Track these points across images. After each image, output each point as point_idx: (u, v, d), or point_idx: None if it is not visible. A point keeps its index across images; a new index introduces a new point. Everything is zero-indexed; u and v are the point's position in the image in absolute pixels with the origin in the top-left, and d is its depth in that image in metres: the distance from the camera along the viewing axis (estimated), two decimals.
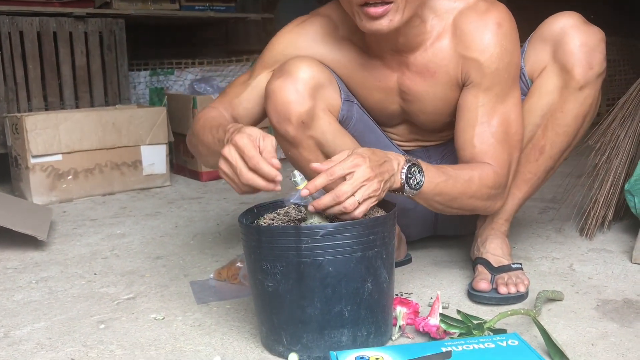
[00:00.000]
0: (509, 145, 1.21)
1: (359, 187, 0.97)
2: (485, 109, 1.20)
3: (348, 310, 0.98)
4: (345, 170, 0.97)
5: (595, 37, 1.23)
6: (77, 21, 2.89)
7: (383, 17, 1.11)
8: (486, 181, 1.17)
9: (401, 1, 1.11)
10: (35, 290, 1.43)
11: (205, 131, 1.20)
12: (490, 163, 1.18)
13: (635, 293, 1.25)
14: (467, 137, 1.21)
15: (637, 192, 1.52)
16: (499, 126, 1.20)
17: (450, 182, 1.12)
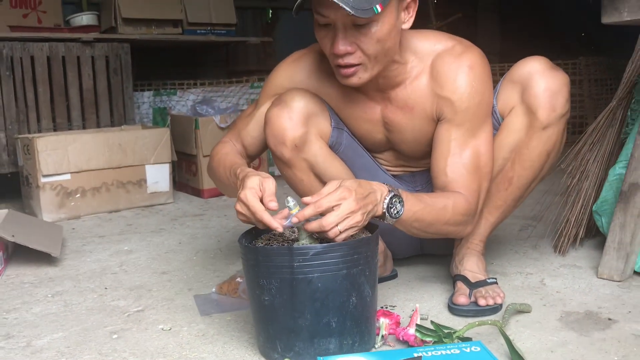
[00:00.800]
0: (478, 176, 1.34)
1: (343, 219, 1.09)
2: (457, 142, 1.34)
3: (335, 321, 1.11)
4: (332, 203, 1.10)
5: (559, 82, 1.37)
6: (85, 46, 3.04)
7: (353, 75, 1.28)
8: (459, 209, 1.30)
9: (368, 62, 1.27)
10: (51, 304, 1.56)
11: (220, 168, 1.39)
12: (462, 192, 1.32)
13: (597, 305, 1.39)
14: (440, 167, 1.35)
15: (603, 212, 1.66)
16: (470, 158, 1.33)
17: (426, 210, 1.25)
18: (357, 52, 1.25)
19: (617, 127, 1.74)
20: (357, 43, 1.24)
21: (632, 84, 1.71)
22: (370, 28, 1.22)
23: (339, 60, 1.26)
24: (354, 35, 1.23)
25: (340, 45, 1.23)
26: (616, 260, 1.53)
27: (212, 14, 3.67)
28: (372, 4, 1.18)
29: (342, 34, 1.22)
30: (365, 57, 1.26)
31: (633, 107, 1.69)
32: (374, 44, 1.24)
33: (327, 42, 1.27)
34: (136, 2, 3.36)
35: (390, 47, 1.28)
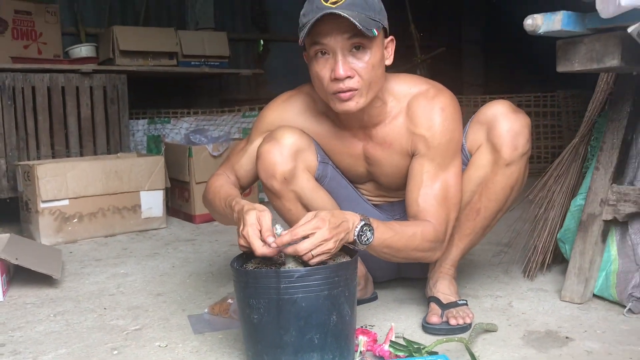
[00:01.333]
0: (447, 207, 1.48)
1: (316, 246, 1.23)
2: (429, 175, 1.48)
3: (317, 338, 1.24)
4: (307, 231, 1.23)
5: (521, 124, 1.52)
6: (84, 77, 3.18)
7: (351, 100, 1.41)
8: (427, 236, 1.43)
9: (364, 87, 1.41)
10: (54, 323, 1.67)
11: (216, 200, 1.52)
12: (431, 220, 1.45)
13: (557, 325, 1.52)
14: (413, 197, 1.49)
15: (567, 240, 1.80)
16: (440, 190, 1.48)
17: (396, 237, 1.38)
18: (355, 76, 1.39)
19: (580, 161, 1.89)
20: (354, 69, 1.38)
21: (592, 122, 1.87)
22: (365, 55, 1.38)
23: (340, 84, 1.39)
24: (352, 62, 1.38)
25: (341, 69, 1.36)
26: (577, 285, 1.67)
27: (205, 46, 3.84)
28: (371, 27, 1.34)
29: (342, 59, 1.37)
30: (362, 82, 1.40)
31: (593, 144, 1.85)
32: (370, 69, 1.39)
33: (326, 72, 1.40)
34: (134, 35, 3.53)
35: (380, 77, 1.44)
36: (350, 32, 1.34)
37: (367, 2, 1.37)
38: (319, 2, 1.35)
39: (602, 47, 1.38)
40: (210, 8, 4.43)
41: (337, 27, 1.34)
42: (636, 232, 1.64)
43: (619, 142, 1.64)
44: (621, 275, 1.64)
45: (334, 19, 1.32)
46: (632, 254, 1.64)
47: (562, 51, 1.46)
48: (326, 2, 1.34)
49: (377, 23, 1.37)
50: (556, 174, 1.91)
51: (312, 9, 1.35)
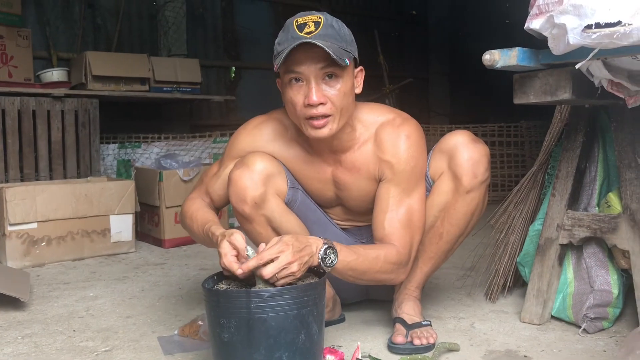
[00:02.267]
0: (411, 230, 1.55)
1: (280, 269, 1.28)
2: (394, 200, 1.55)
3: (286, 356, 1.27)
4: (272, 255, 1.28)
5: (480, 153, 1.60)
6: (55, 101, 3.20)
7: (324, 127, 1.47)
8: (390, 258, 1.49)
9: (337, 114, 1.48)
10: (22, 345, 1.67)
11: (194, 225, 1.58)
12: (395, 244, 1.51)
13: (517, 345, 1.58)
14: (379, 220, 1.55)
15: (526, 263, 1.88)
16: (404, 214, 1.54)
17: (359, 260, 1.44)
18: (327, 103, 1.46)
19: (538, 188, 1.98)
20: (327, 96, 1.45)
21: (550, 152, 1.96)
22: (337, 83, 1.45)
23: (313, 110, 1.45)
24: (325, 89, 1.45)
25: (314, 95, 1.43)
26: (535, 306, 1.74)
27: (178, 72, 3.89)
28: (344, 57, 1.42)
29: (316, 87, 1.44)
30: (334, 108, 1.47)
31: (550, 172, 1.94)
32: (342, 97, 1.46)
33: (299, 98, 1.46)
34: (106, 60, 3.56)
35: (350, 104, 1.51)
36: (324, 61, 1.41)
37: (339, 34, 1.44)
38: (294, 31, 1.42)
39: (555, 81, 1.47)
40: (182, 35, 4.49)
41: (312, 57, 1.41)
42: (590, 256, 1.73)
43: (573, 171, 1.73)
44: (577, 297, 1.72)
45: (308, 48, 1.39)
46: (587, 277, 1.72)
47: (519, 84, 1.55)
48: (301, 32, 1.41)
49: (349, 54, 1.45)
50: (516, 200, 2.00)
51: (287, 38, 1.42)
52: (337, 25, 1.45)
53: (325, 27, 1.42)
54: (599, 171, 1.78)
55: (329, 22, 1.44)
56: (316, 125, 1.47)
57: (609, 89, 1.45)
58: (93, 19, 4.25)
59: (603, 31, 1.19)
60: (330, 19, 1.46)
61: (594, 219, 1.67)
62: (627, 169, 1.62)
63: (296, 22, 1.43)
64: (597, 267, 1.71)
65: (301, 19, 1.44)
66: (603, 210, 1.73)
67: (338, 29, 1.45)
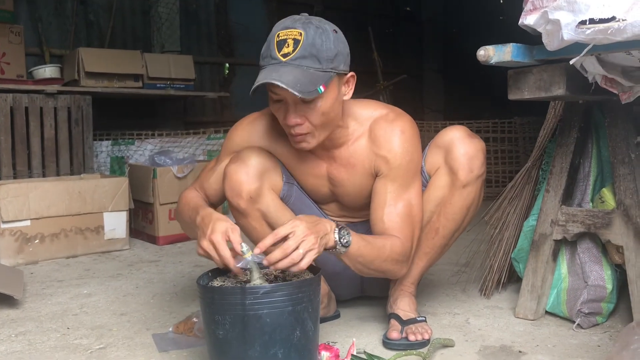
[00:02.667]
0: (410, 224, 1.54)
1: (300, 242, 1.26)
2: (392, 195, 1.54)
3: (281, 353, 1.27)
4: (288, 230, 1.27)
5: (476, 147, 1.60)
6: (48, 97, 3.18)
7: (303, 142, 1.49)
8: (395, 248, 1.48)
9: (316, 131, 1.48)
10: (15, 343, 1.66)
11: (185, 210, 1.55)
12: (397, 236, 1.51)
13: (511, 340, 1.59)
14: (378, 215, 1.54)
15: (520, 259, 1.88)
16: (403, 209, 1.54)
17: (369, 247, 1.42)
18: (305, 123, 1.45)
19: (532, 184, 1.99)
20: (305, 116, 1.45)
21: (544, 148, 1.97)
22: (316, 103, 1.43)
23: (291, 130, 1.47)
24: (303, 110, 1.44)
25: (291, 118, 1.44)
26: (530, 302, 1.75)
27: (171, 69, 3.87)
28: (316, 85, 1.38)
29: (292, 109, 1.44)
30: (312, 127, 1.47)
31: (544, 168, 1.95)
32: (320, 116, 1.45)
33: (280, 114, 1.48)
34: (99, 57, 3.54)
35: (334, 117, 1.50)
36: None
37: (320, 51, 1.39)
38: (273, 51, 1.39)
39: (549, 77, 1.48)
40: (176, 31, 4.47)
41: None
42: (584, 251, 1.73)
43: (567, 166, 1.74)
44: (571, 293, 1.73)
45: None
46: (581, 272, 1.73)
47: (513, 80, 1.55)
48: (279, 53, 1.38)
49: (328, 74, 1.40)
50: (510, 196, 2.00)
51: (267, 56, 1.41)
52: (319, 41, 1.39)
53: (304, 47, 1.37)
54: (592, 167, 1.78)
55: (310, 40, 1.38)
56: (296, 140, 1.49)
57: (602, 85, 1.45)
58: (85, 15, 4.22)
59: (597, 27, 1.19)
60: (314, 33, 1.38)
61: (587, 215, 1.68)
62: (620, 164, 1.62)
63: (277, 37, 1.40)
64: (591, 263, 1.72)
65: (282, 33, 1.40)
66: (597, 206, 1.74)
67: (320, 45, 1.39)
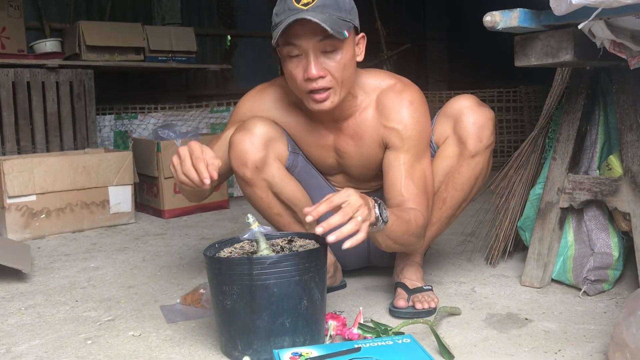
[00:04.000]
0: (426, 194, 1.54)
1: (357, 209, 1.19)
2: (406, 166, 1.53)
3: (289, 322, 1.28)
4: (343, 199, 1.19)
5: (485, 117, 1.58)
6: (50, 72, 3.16)
7: (326, 100, 1.45)
8: (419, 221, 1.46)
9: (337, 86, 1.46)
10: (25, 315, 1.68)
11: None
12: (417, 207, 1.49)
13: (517, 308, 1.59)
14: (396, 188, 1.51)
15: (527, 227, 1.88)
16: (419, 180, 1.52)
17: (399, 222, 1.38)
18: (327, 76, 1.43)
19: (539, 152, 1.97)
20: (327, 69, 1.43)
21: (550, 115, 1.95)
22: (336, 55, 1.42)
23: (313, 84, 1.43)
24: (324, 62, 1.42)
25: (313, 69, 1.40)
26: (536, 270, 1.75)
27: (172, 41, 3.83)
28: (342, 29, 1.38)
29: (314, 60, 1.41)
30: (335, 80, 1.44)
31: (550, 136, 1.93)
32: (341, 69, 1.43)
33: (299, 72, 1.44)
34: (100, 30, 3.51)
35: (352, 74, 1.49)
36: (322, 34, 1.38)
37: (339, 3, 1.40)
38: (291, 2, 1.38)
39: (557, 43, 1.45)
40: (176, 3, 4.42)
41: (309, 30, 1.37)
42: (591, 219, 1.73)
43: (574, 134, 1.72)
44: (577, 260, 1.73)
45: (305, 22, 1.35)
46: (587, 240, 1.73)
47: (520, 46, 1.53)
48: (298, 4, 1.37)
49: (348, 24, 1.41)
50: (516, 165, 1.99)
51: (284, 10, 1.39)
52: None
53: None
54: (599, 134, 1.77)
55: None
56: (317, 98, 1.45)
57: (611, 50, 1.43)
58: None
59: None
60: None
61: (594, 182, 1.67)
62: (628, 131, 1.61)
63: None
64: (597, 230, 1.71)
65: None
66: (604, 173, 1.73)
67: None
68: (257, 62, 5.03)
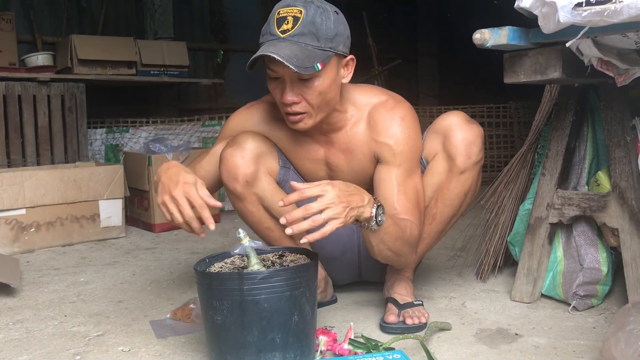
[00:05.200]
0: (419, 208, 1.55)
1: (325, 208, 1.22)
2: (398, 180, 1.53)
3: (279, 337, 1.28)
4: (315, 193, 1.23)
5: (474, 133, 1.60)
6: (41, 85, 3.15)
7: (300, 122, 1.49)
8: (413, 232, 1.48)
9: (313, 111, 1.48)
10: (13, 330, 1.66)
11: None
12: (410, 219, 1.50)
13: (507, 323, 1.60)
14: (388, 202, 1.51)
15: (516, 243, 1.89)
16: (412, 194, 1.54)
17: (394, 227, 1.40)
18: (302, 102, 1.45)
19: (528, 168, 1.99)
20: (302, 95, 1.44)
21: (539, 131, 1.97)
22: (313, 82, 1.43)
23: (288, 108, 1.47)
24: (300, 88, 1.44)
25: (288, 96, 1.44)
26: (526, 285, 1.76)
27: (165, 56, 3.84)
28: (313, 62, 1.39)
29: (289, 87, 1.43)
30: (310, 106, 1.46)
31: (539, 151, 1.95)
32: (317, 95, 1.45)
33: (277, 93, 1.48)
34: (92, 44, 3.51)
35: (331, 98, 1.49)
36: None
37: (319, 30, 1.40)
38: (273, 27, 1.41)
39: (545, 60, 1.47)
40: (169, 18, 4.43)
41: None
42: (580, 234, 1.74)
43: (563, 150, 1.74)
44: (566, 275, 1.74)
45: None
46: (577, 255, 1.74)
47: (509, 64, 1.55)
48: (278, 29, 1.40)
49: (326, 53, 1.41)
50: (506, 180, 2.00)
51: (266, 32, 1.42)
52: (319, 20, 1.40)
53: (303, 24, 1.38)
54: (588, 150, 1.79)
55: (309, 17, 1.39)
56: (291, 120, 1.49)
57: (598, 68, 1.45)
58: (78, 2, 4.18)
59: (593, 9, 1.19)
60: (314, 12, 1.40)
61: (583, 198, 1.68)
62: (616, 147, 1.63)
63: (278, 14, 1.42)
64: (586, 246, 1.72)
65: (283, 11, 1.41)
66: (592, 189, 1.74)
67: (320, 24, 1.40)
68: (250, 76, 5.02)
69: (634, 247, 1.58)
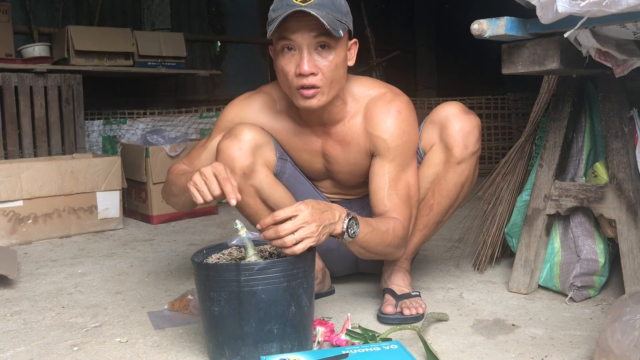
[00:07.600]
0: (409, 205, 1.55)
1: (297, 228, 1.24)
2: (391, 175, 1.54)
3: (277, 328, 1.28)
4: (288, 214, 1.24)
5: (471, 124, 1.59)
6: (38, 76, 3.14)
7: (313, 97, 1.46)
8: (397, 232, 1.48)
9: (326, 86, 1.46)
10: (11, 322, 1.66)
11: (179, 176, 1.54)
12: (398, 218, 1.51)
13: (504, 314, 1.60)
14: (379, 197, 1.53)
15: (514, 234, 1.89)
16: (403, 189, 1.54)
17: (373, 233, 1.41)
18: (319, 74, 1.44)
19: (526, 159, 1.99)
20: (319, 67, 1.43)
21: (537, 123, 1.97)
22: (329, 54, 1.43)
23: (304, 80, 1.43)
24: (317, 60, 1.43)
25: (305, 65, 1.41)
26: (523, 276, 1.76)
27: (162, 47, 3.83)
28: (338, 27, 1.40)
29: (307, 56, 1.41)
30: (325, 80, 1.44)
31: (537, 143, 1.95)
32: (333, 69, 1.44)
33: (291, 67, 1.44)
34: (89, 35, 3.49)
35: (342, 76, 1.50)
36: (318, 31, 1.39)
37: (335, 4, 1.42)
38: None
39: (543, 51, 1.47)
40: (166, 9, 4.41)
41: (305, 25, 1.39)
42: (577, 226, 1.74)
43: (560, 141, 1.74)
44: (564, 266, 1.74)
45: (302, 16, 1.37)
46: (574, 246, 1.74)
47: (507, 54, 1.54)
48: (296, 0, 1.38)
49: (344, 25, 1.43)
50: (503, 171, 2.00)
51: (282, 5, 1.40)
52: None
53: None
54: (585, 141, 1.79)
55: None
56: (306, 94, 1.45)
57: (596, 58, 1.45)
58: None
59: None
60: None
61: (581, 189, 1.68)
62: (613, 138, 1.63)
63: None
64: (583, 237, 1.73)
65: None
66: (590, 180, 1.74)
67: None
68: (247, 67, 5.04)
69: (631, 238, 1.59)
